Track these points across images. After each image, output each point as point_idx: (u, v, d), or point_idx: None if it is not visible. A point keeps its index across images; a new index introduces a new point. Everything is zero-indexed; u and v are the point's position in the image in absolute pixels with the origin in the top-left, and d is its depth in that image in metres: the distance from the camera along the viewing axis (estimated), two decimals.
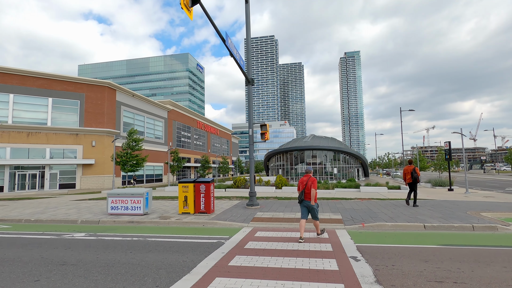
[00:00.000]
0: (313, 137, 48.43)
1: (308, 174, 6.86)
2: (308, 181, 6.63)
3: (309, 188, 6.58)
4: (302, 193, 6.71)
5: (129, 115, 40.40)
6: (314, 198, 6.51)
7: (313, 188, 6.51)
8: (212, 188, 10.37)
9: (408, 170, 10.94)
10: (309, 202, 6.62)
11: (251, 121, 11.79)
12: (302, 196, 6.72)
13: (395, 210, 10.15)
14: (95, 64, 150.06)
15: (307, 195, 6.63)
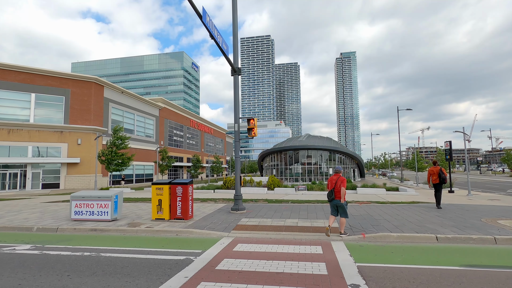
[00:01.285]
0: (308, 136, 47.30)
1: (338, 174, 7.16)
2: (338, 180, 6.93)
3: (338, 187, 6.86)
4: (332, 192, 6.96)
5: (118, 112, 38.83)
6: (343, 196, 6.78)
7: (343, 187, 6.80)
8: (191, 191, 9.06)
9: (434, 171, 10.73)
10: (338, 201, 6.87)
11: (237, 115, 10.51)
12: (332, 195, 6.96)
13: (399, 216, 8.95)
14: (88, 62, 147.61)
15: (337, 193, 6.90)
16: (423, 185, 27.93)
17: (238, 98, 10.58)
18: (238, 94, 10.61)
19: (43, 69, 32.17)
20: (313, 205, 12.08)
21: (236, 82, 10.55)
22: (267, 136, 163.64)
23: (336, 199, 6.92)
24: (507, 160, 50.81)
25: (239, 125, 10.50)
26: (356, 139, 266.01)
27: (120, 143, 25.28)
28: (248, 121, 10.33)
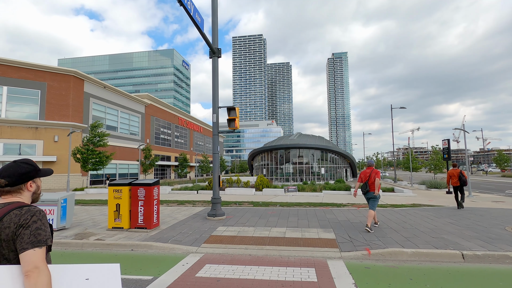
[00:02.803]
0: (299, 135, 46.00)
1: (371, 167, 7.27)
2: (372, 173, 7.06)
3: (372, 179, 6.96)
4: (366, 185, 7.04)
5: (100, 108, 36.65)
6: (378, 187, 6.85)
7: (377, 178, 6.90)
8: (156, 193, 7.43)
9: (455, 174, 10.92)
10: (372, 193, 6.94)
11: (216, 104, 8.92)
12: (367, 188, 7.03)
13: (406, 224, 7.53)
14: (75, 58, 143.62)
15: (371, 186, 6.97)
16: (418, 186, 26.88)
17: (217, 85, 9.00)
18: (217, 80, 9.03)
19: (17, 61, 29.86)
20: (304, 209, 10.59)
21: (215, 65, 8.96)
22: (259, 135, 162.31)
23: (370, 191, 6.97)
24: (498, 161, 50.67)
25: (217, 115, 8.91)
26: (348, 139, 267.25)
27: (98, 140, 23.31)
28: (229, 110, 8.76)
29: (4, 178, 1.47)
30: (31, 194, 1.57)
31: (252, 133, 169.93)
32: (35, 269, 1.27)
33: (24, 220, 1.37)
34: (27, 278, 1.25)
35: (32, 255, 1.30)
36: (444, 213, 9.31)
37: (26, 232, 1.34)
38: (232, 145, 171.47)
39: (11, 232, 1.34)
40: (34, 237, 1.34)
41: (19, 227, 1.35)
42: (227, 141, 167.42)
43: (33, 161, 1.61)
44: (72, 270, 1.39)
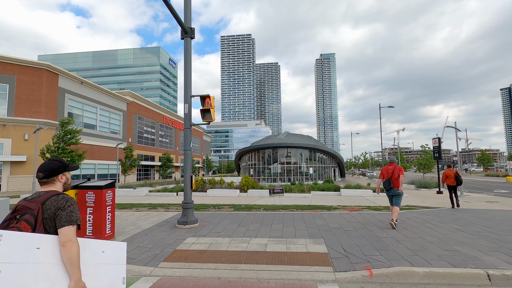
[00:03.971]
0: (287, 134, 45.07)
1: (393, 163, 7.18)
2: (395, 169, 7.01)
3: (396, 175, 6.92)
4: (390, 182, 6.99)
5: (77, 105, 34.47)
6: (401, 183, 6.86)
7: (401, 175, 6.89)
8: (110, 198, 6.08)
9: (451, 174, 11.14)
10: (396, 190, 6.88)
11: (188, 92, 7.63)
12: (390, 185, 6.98)
13: (408, 231, 6.47)
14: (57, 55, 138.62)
15: (394, 182, 6.93)
16: (407, 185, 26.32)
17: (189, 70, 7.71)
18: (190, 65, 7.74)
19: None
20: (290, 213, 9.42)
21: (187, 47, 7.67)
22: (247, 135, 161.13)
23: (394, 188, 6.94)
24: (482, 160, 51.36)
25: (190, 105, 7.62)
26: (335, 139, 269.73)
27: (70, 137, 21.46)
28: (203, 99, 7.48)
29: (41, 172, 1.91)
30: (62, 184, 2.00)
31: (240, 133, 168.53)
32: (69, 241, 1.71)
33: (61, 204, 1.80)
34: (63, 247, 1.69)
35: (67, 230, 1.74)
36: (446, 217, 8.35)
37: (63, 213, 1.77)
38: (220, 145, 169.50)
39: (52, 212, 1.78)
40: (69, 217, 1.78)
41: (57, 209, 1.78)
42: (215, 141, 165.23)
43: (63, 159, 2.07)
44: (93, 243, 1.90)
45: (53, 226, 1.77)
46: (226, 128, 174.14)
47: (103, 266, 1.86)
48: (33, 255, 1.62)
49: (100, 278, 1.84)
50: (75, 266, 1.69)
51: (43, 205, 1.78)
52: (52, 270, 1.67)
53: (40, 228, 1.75)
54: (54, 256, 1.69)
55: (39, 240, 1.67)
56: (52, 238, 1.71)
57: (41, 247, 1.66)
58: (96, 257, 1.84)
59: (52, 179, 1.94)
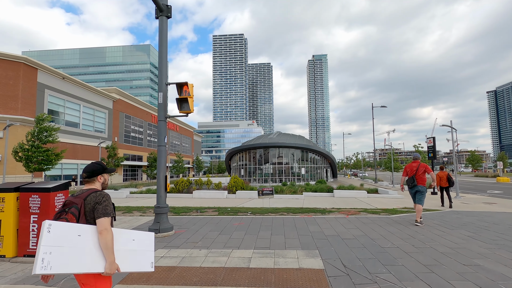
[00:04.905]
0: (279, 134, 44.25)
1: (417, 161, 7.31)
2: (419, 166, 7.11)
3: (420, 172, 7.02)
4: (413, 179, 7.10)
5: (58, 101, 32.75)
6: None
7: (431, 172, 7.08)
8: (60, 203, 5.00)
9: (444, 176, 11.80)
10: (420, 186, 6.98)
11: (163, 78, 6.60)
12: (414, 182, 7.09)
13: (415, 239, 5.61)
14: (42, 51, 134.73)
15: (418, 180, 7.02)
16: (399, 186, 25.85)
17: (165, 54, 6.68)
18: (166, 48, 6.71)
19: None
20: (281, 217, 8.48)
21: (163, 27, 6.64)
22: (239, 136, 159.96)
23: (418, 185, 6.97)
24: (471, 161, 51.70)
25: (165, 94, 6.60)
26: (327, 140, 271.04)
27: (46, 135, 20.00)
28: (180, 87, 6.46)
29: (85, 173, 2.32)
30: (101, 183, 2.37)
31: (232, 134, 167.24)
32: (104, 229, 2.04)
33: (99, 199, 2.15)
34: (100, 235, 2.03)
35: (103, 221, 2.07)
36: (452, 222, 7.56)
37: (100, 207, 2.11)
38: (211, 145, 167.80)
39: (91, 206, 2.12)
40: (105, 210, 2.11)
41: (96, 204, 2.13)
42: (206, 141, 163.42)
43: (103, 163, 2.46)
44: (125, 233, 2.28)
45: (92, 217, 2.11)
46: (218, 128, 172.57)
47: (133, 252, 2.24)
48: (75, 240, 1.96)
49: (131, 262, 2.20)
50: (110, 250, 2.03)
51: (85, 200, 2.13)
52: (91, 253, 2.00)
53: (83, 219, 2.11)
54: (93, 242, 2.03)
55: (80, 229, 2.01)
56: (91, 227, 2.06)
57: (82, 235, 2.00)
58: (128, 244, 2.23)
59: (93, 179, 2.31)
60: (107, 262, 2.01)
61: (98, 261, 2.01)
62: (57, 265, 1.85)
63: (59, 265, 1.86)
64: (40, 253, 1.82)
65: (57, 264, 1.85)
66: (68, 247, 1.92)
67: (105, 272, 2.01)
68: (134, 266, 2.22)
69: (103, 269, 2.01)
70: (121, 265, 2.11)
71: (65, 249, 1.91)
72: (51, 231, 1.89)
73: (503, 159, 48.66)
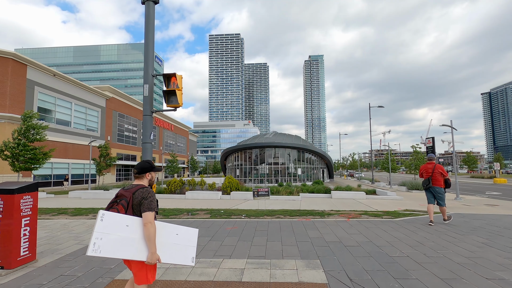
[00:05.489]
0: (275, 133, 43.75)
1: (433, 162, 7.36)
2: (435, 168, 7.18)
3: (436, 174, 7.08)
4: (429, 180, 7.14)
5: (48, 99, 31.82)
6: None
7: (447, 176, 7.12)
8: (28, 206, 4.38)
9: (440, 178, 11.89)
10: (437, 188, 7.04)
11: (149, 69, 6.03)
12: (429, 183, 7.13)
13: (425, 247, 5.10)
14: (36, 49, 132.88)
15: (434, 181, 7.08)
16: (398, 187, 25.51)
17: (152, 43, 6.10)
18: (153, 35, 6.13)
19: None
20: (277, 221, 7.93)
21: (149, 13, 6.06)
22: (235, 136, 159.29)
23: (434, 186, 7.03)
24: (467, 162, 51.71)
25: (152, 87, 6.02)
26: (323, 140, 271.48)
27: (33, 133, 19.21)
28: (168, 79, 5.88)
29: (136, 169, 2.57)
30: (148, 180, 2.62)
31: (228, 134, 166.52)
32: (148, 222, 2.28)
33: (145, 195, 2.39)
34: (144, 226, 2.27)
35: (148, 215, 2.31)
36: (461, 226, 7.07)
37: (145, 202, 2.35)
38: (207, 145, 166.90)
39: (138, 201, 2.37)
40: (149, 205, 2.34)
41: (142, 198, 2.37)
42: (202, 141, 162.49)
43: (152, 161, 2.71)
44: (170, 227, 2.52)
45: (138, 210, 2.37)
46: (214, 128, 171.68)
47: (176, 245, 2.48)
48: (123, 229, 2.22)
49: (172, 254, 2.45)
50: (152, 242, 2.26)
51: (134, 194, 2.41)
52: (136, 242, 2.25)
53: (130, 211, 2.38)
54: (138, 232, 2.28)
55: (128, 220, 2.28)
56: (138, 219, 2.33)
57: (129, 225, 2.26)
58: (171, 237, 2.49)
59: (142, 176, 2.59)
60: (149, 252, 2.24)
61: (141, 250, 2.23)
62: (106, 249, 2.09)
63: (107, 250, 2.10)
64: (92, 238, 2.04)
65: (106, 249, 2.09)
66: (117, 234, 2.16)
67: (147, 261, 2.24)
68: (175, 258, 2.44)
69: (145, 258, 2.24)
70: (163, 256, 2.35)
71: (114, 236, 2.15)
72: (103, 220, 2.14)
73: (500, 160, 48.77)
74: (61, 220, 8.14)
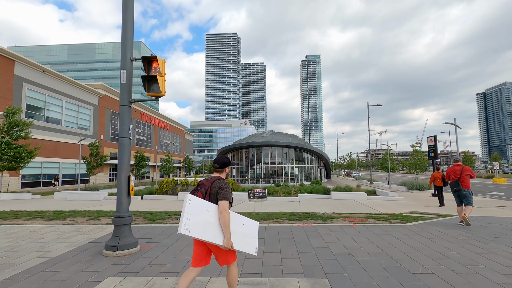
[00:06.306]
0: (272, 133, 42.97)
1: (460, 164, 7.14)
2: (463, 170, 6.93)
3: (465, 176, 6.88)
4: (458, 183, 6.93)
5: (38, 96, 30.71)
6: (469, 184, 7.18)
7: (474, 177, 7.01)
8: None
9: (438, 176, 12.26)
10: (465, 190, 6.83)
11: (127, 52, 5.20)
12: (458, 186, 6.92)
13: (451, 258, 4.33)
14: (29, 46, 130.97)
15: (463, 183, 6.90)
16: (397, 187, 24.84)
17: (131, 18, 5.28)
18: (132, 10, 5.31)
19: None
20: (275, 226, 7.13)
21: None
22: (232, 135, 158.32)
23: (464, 189, 6.83)
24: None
25: (131, 72, 5.20)
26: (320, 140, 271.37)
27: (18, 130, 18.21)
28: (148, 63, 5.05)
29: (217, 163, 2.83)
30: (225, 174, 2.88)
31: (225, 133, 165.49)
32: (224, 210, 2.50)
33: (222, 185, 2.63)
34: (220, 214, 2.50)
35: (224, 203, 2.53)
36: (479, 232, 6.32)
37: (222, 192, 2.59)
38: (204, 145, 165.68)
39: (216, 190, 2.63)
40: (225, 195, 2.58)
41: (219, 188, 2.62)
42: (198, 140, 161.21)
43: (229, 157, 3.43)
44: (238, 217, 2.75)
45: (214, 199, 2.62)
46: (210, 127, 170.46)
47: (243, 235, 2.71)
48: (204, 214, 2.47)
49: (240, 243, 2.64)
50: (227, 228, 2.47)
51: (212, 184, 2.67)
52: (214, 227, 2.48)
53: (207, 198, 2.64)
54: (216, 218, 2.52)
55: (208, 206, 2.54)
56: (215, 206, 2.57)
57: (209, 211, 2.52)
58: (239, 227, 2.72)
59: (222, 170, 2.84)
60: (225, 237, 2.47)
61: (218, 235, 2.47)
62: (194, 230, 2.36)
63: (193, 231, 2.35)
64: (183, 218, 2.35)
65: (194, 229, 2.36)
66: (200, 217, 2.43)
67: (223, 246, 2.46)
68: (242, 246, 2.65)
69: (221, 243, 2.47)
70: (235, 243, 2.57)
71: (199, 219, 2.42)
72: (191, 202, 2.43)
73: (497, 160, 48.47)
74: (33, 226, 7.26)
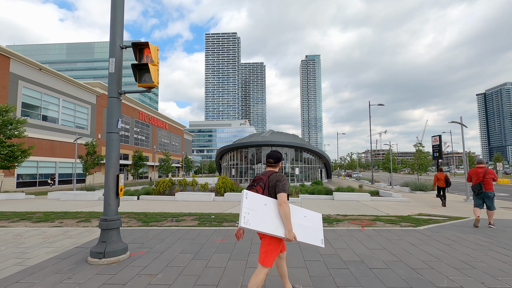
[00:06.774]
0: (272, 132, 42.48)
1: (483, 166, 7.01)
2: (487, 172, 6.82)
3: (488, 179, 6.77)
4: (481, 185, 6.85)
5: (34, 94, 30.17)
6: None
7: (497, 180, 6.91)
8: None
9: (441, 177, 12.40)
10: (488, 192, 6.76)
11: (117, 39, 4.73)
12: (481, 189, 6.83)
13: (477, 268, 3.86)
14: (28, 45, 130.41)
15: (486, 185, 6.81)
16: (400, 187, 24.38)
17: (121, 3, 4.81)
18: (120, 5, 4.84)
19: None
20: None
21: None
22: (231, 135, 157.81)
23: (486, 191, 6.77)
24: None
25: (120, 61, 4.73)
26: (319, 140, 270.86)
27: (10, 128, 17.70)
28: (140, 50, 4.59)
29: (272, 158, 2.85)
30: (278, 168, 2.89)
31: (224, 133, 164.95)
32: (283, 202, 2.51)
33: (279, 178, 2.65)
34: (280, 206, 2.51)
35: (282, 196, 2.54)
36: (498, 236, 5.85)
37: (280, 184, 2.61)
38: (203, 144, 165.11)
39: (273, 183, 2.65)
40: (283, 187, 2.59)
41: (277, 181, 2.64)
42: (198, 140, 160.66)
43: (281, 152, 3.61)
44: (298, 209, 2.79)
45: (273, 192, 2.65)
46: (210, 127, 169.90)
47: (305, 227, 2.72)
48: (263, 208, 2.49)
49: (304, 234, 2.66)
50: (288, 220, 2.48)
51: (269, 178, 2.71)
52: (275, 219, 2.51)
53: (266, 192, 2.68)
54: (275, 211, 2.54)
55: (265, 200, 2.56)
56: (274, 200, 2.60)
57: (267, 204, 2.54)
58: (300, 219, 2.74)
59: (276, 164, 2.86)
60: (286, 229, 2.47)
61: (279, 227, 2.48)
62: (252, 223, 2.37)
63: (253, 223, 2.37)
64: (242, 213, 2.37)
65: (252, 222, 2.37)
66: (258, 211, 2.45)
67: (285, 237, 2.46)
68: (307, 238, 2.67)
69: (283, 235, 2.47)
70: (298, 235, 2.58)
71: (257, 213, 2.44)
72: (248, 198, 2.47)
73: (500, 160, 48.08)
74: (18, 229, 6.78)
